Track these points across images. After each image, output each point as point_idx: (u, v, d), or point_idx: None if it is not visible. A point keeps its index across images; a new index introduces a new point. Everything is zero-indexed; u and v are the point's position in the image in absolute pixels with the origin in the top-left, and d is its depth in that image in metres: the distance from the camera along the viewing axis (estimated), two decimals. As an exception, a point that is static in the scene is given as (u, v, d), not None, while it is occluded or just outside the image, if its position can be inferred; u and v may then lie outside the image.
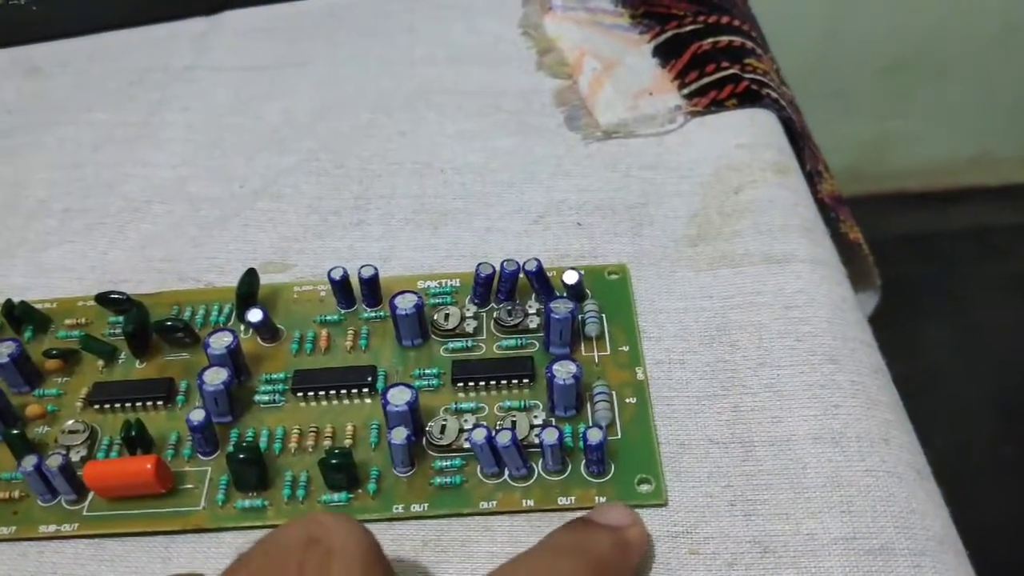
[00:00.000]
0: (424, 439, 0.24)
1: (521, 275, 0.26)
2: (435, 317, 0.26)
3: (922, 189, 1.24)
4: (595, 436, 0.22)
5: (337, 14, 0.40)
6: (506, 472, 0.23)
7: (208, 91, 0.36)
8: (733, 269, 0.28)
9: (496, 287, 0.27)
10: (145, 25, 0.40)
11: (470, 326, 0.26)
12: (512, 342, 0.26)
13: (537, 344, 0.26)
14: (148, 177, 0.33)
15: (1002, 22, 1.11)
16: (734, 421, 0.24)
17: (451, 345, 0.26)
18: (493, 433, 0.22)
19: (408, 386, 0.23)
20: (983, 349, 1.07)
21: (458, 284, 0.28)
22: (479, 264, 0.26)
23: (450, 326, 0.26)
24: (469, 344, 0.26)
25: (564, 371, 0.23)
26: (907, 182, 1.23)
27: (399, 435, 0.22)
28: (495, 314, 0.26)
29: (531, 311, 0.26)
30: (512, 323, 0.26)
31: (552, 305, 0.25)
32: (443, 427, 0.24)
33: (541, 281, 0.26)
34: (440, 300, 0.27)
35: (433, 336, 0.26)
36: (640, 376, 0.25)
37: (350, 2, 0.40)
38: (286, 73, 0.37)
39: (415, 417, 0.23)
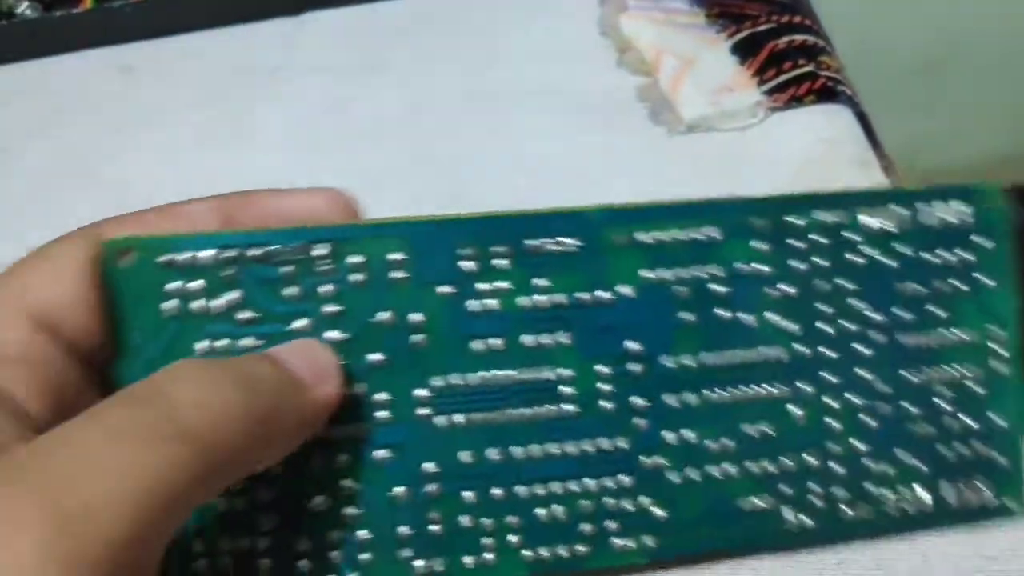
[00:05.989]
0: None
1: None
2: None
3: (954, 187, 1.24)
4: None
5: (418, 15, 0.41)
6: None
7: (299, 91, 0.38)
8: (824, 258, 0.29)
9: None
10: (232, 25, 0.41)
11: None
12: None
13: None
14: (247, 176, 0.34)
15: (1036, 21, 1.11)
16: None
17: None
18: None
19: None
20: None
21: None
22: None
23: None
24: None
25: None
26: (941, 181, 1.23)
27: None
28: None
29: None
30: None
31: None
32: None
33: None
34: None
35: None
36: None
37: (429, 4, 0.41)
38: (373, 73, 0.38)
39: None
